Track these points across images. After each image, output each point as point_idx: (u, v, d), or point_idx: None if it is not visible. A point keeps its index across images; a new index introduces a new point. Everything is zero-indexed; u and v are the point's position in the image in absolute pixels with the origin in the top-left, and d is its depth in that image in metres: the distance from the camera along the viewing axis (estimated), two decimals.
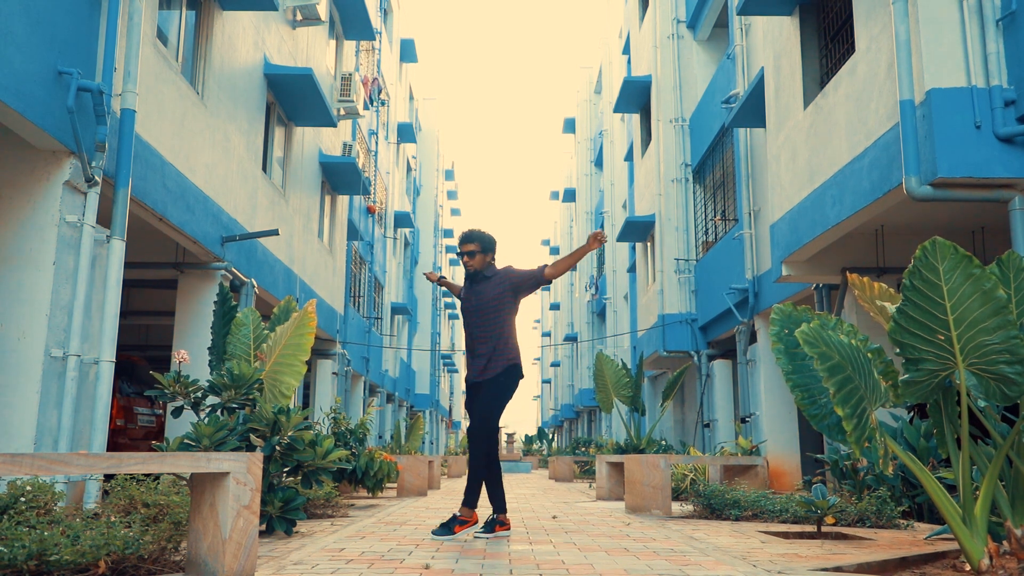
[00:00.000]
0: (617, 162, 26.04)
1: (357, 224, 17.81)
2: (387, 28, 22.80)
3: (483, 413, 5.17)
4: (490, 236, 5.45)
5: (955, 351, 3.48)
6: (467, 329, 5.45)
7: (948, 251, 3.36)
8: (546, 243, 53.78)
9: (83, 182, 5.87)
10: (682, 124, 16.03)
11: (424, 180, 34.12)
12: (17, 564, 3.16)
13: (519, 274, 5.37)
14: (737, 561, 4.00)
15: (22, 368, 5.47)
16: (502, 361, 5.23)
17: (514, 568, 3.75)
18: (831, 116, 7.83)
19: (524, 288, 5.35)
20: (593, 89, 34.50)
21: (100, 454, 3.05)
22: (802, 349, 4.10)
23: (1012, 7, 5.97)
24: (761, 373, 11.70)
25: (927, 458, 6.52)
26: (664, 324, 15.38)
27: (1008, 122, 5.99)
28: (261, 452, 5.11)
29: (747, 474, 9.22)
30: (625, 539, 5.09)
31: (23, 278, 5.60)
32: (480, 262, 5.39)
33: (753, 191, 12.14)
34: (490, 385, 5.22)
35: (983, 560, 3.43)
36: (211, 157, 8.68)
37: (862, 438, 3.67)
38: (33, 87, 5.25)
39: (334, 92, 13.94)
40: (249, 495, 3.41)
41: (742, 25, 12.42)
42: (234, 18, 9.49)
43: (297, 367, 6.13)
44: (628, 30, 21.22)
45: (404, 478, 10.13)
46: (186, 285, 8.90)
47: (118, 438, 9.16)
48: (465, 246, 5.39)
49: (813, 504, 5.48)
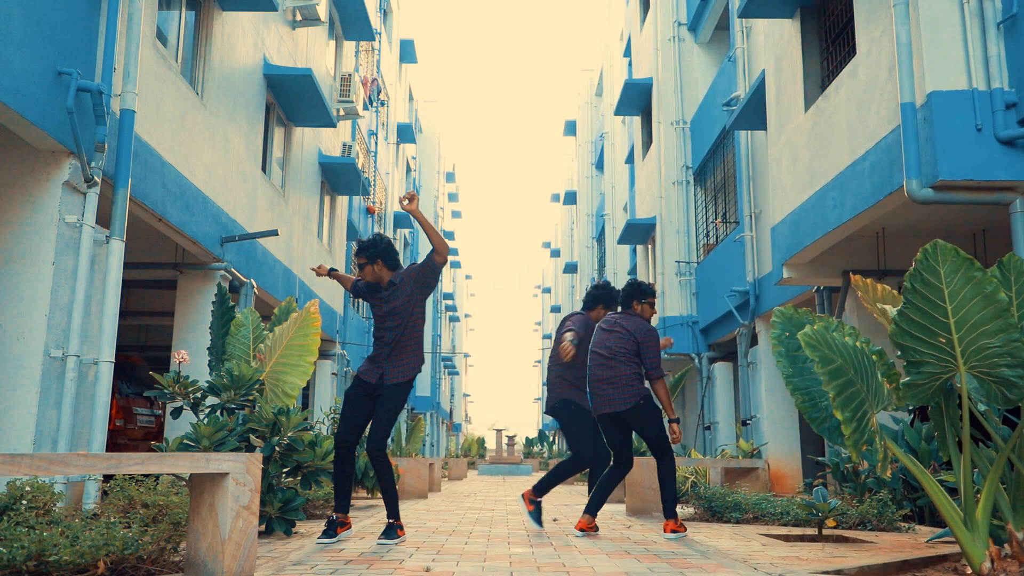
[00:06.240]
0: (618, 164, 26.03)
1: (357, 224, 17.80)
2: (387, 29, 22.81)
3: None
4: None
5: (956, 354, 3.47)
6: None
7: (949, 254, 3.35)
8: (547, 245, 53.77)
9: (82, 182, 5.86)
10: (683, 127, 16.03)
11: (424, 181, 34.12)
12: (16, 564, 3.15)
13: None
14: (738, 564, 3.99)
15: (21, 368, 5.46)
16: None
17: (515, 571, 3.74)
18: (832, 119, 7.82)
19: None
20: (594, 91, 34.50)
21: (99, 454, 3.05)
22: (803, 352, 4.09)
23: (1013, 10, 5.96)
24: (762, 376, 11.69)
25: (928, 461, 6.51)
26: (665, 326, 15.36)
27: (1009, 125, 5.98)
28: (260, 453, 5.10)
29: (748, 477, 9.21)
30: (626, 542, 5.08)
31: (23, 278, 5.59)
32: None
33: (754, 193, 12.13)
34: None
35: (984, 563, 3.41)
36: (210, 157, 8.67)
37: (861, 441, 3.66)
38: (33, 87, 5.25)
39: (334, 92, 13.94)
40: (248, 496, 3.40)
41: (743, 28, 12.42)
42: (234, 18, 9.48)
43: (303, 367, 6.13)
44: (629, 32, 21.22)
45: (405, 480, 10.12)
46: (185, 285, 8.89)
47: (117, 438, 9.14)
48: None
49: (814, 507, 5.47)
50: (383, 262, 4.99)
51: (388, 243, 5.04)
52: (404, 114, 27.15)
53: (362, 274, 5.06)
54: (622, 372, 5.51)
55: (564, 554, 4.37)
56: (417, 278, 5.00)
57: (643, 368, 5.57)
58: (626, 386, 5.49)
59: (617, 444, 5.62)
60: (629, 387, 5.49)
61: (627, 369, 5.52)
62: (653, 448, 5.46)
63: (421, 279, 5.00)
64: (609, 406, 5.51)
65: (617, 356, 5.54)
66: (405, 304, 4.97)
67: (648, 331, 5.61)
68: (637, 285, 5.79)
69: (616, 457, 5.65)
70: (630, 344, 5.55)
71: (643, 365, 5.56)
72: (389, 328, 4.98)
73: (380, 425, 4.85)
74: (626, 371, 5.51)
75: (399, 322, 4.96)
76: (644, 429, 5.47)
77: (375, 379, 4.94)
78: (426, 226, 4.82)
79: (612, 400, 5.50)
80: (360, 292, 5.17)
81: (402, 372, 4.94)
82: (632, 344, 5.55)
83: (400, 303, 4.96)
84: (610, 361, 5.55)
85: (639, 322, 5.65)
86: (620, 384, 5.50)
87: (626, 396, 5.47)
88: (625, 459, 5.62)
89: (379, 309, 5.03)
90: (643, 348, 5.54)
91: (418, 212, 4.83)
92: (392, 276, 5.02)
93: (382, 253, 4.98)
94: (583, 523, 5.49)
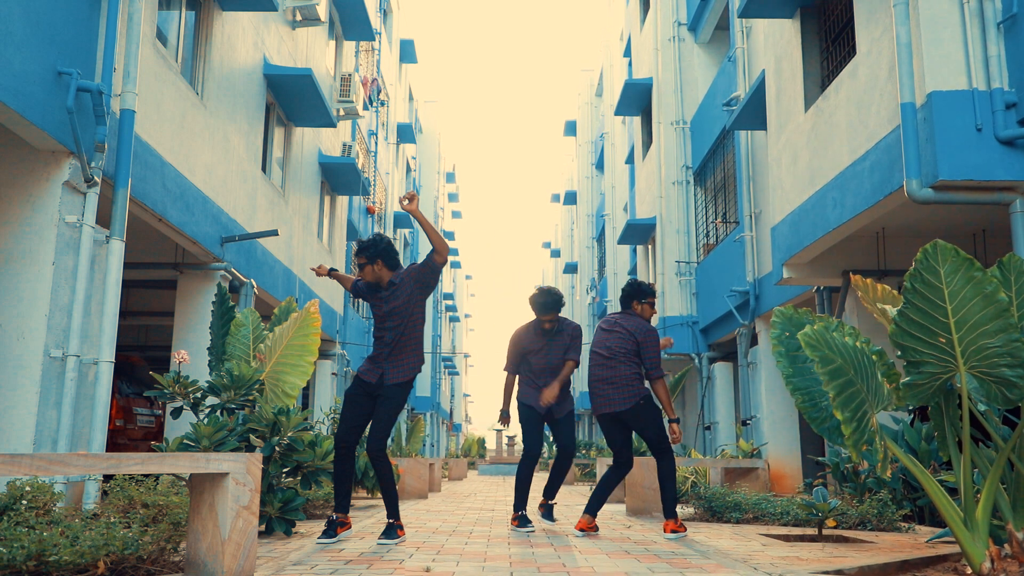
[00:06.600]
0: (618, 165, 26.03)
1: (357, 224, 17.80)
2: (387, 29, 22.81)
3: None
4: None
5: (956, 354, 3.47)
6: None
7: (949, 254, 3.35)
8: (547, 245, 53.75)
9: (82, 182, 5.86)
10: (683, 127, 16.03)
11: (424, 181, 34.11)
12: (16, 564, 3.15)
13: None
14: (738, 564, 3.99)
15: (21, 368, 5.46)
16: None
17: (515, 571, 3.74)
18: (832, 119, 7.82)
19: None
20: (594, 92, 34.50)
21: (99, 454, 3.05)
22: (803, 352, 4.09)
23: (1013, 10, 5.96)
24: (762, 376, 11.69)
25: (928, 461, 6.51)
26: (665, 326, 15.36)
27: (1009, 125, 5.98)
28: (260, 453, 5.10)
29: (748, 477, 9.21)
30: (626, 542, 5.08)
31: (23, 278, 5.59)
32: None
33: (754, 193, 12.13)
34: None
35: (984, 563, 3.41)
36: (210, 157, 8.67)
37: (861, 441, 3.66)
38: (33, 87, 5.25)
39: (334, 92, 13.94)
40: (248, 496, 3.40)
41: (743, 28, 12.42)
42: (234, 18, 9.48)
43: (303, 367, 6.13)
44: (629, 33, 21.22)
45: (405, 480, 10.12)
46: (185, 285, 8.89)
47: (117, 438, 9.14)
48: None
49: (814, 507, 5.47)
50: (383, 262, 4.99)
51: (388, 243, 5.04)
52: (404, 114, 27.15)
53: (362, 274, 5.06)
54: (622, 372, 5.51)
55: (564, 554, 4.37)
56: (417, 278, 5.00)
57: (643, 368, 5.57)
58: (626, 386, 5.49)
59: (617, 444, 5.62)
60: (629, 387, 5.49)
61: (627, 369, 5.52)
62: (653, 448, 5.46)
63: (421, 279, 5.00)
64: (609, 406, 5.52)
65: (617, 356, 5.54)
66: (405, 304, 4.97)
67: (648, 331, 5.61)
68: (637, 285, 5.79)
69: (616, 457, 5.65)
70: (630, 344, 5.55)
71: (643, 365, 5.56)
72: (389, 328, 4.98)
73: (380, 425, 4.85)
74: (626, 371, 5.51)
75: (399, 322, 4.96)
76: (644, 429, 5.48)
77: (375, 379, 4.95)
78: (426, 226, 4.82)
79: (612, 400, 5.51)
80: (360, 292, 5.17)
81: (402, 372, 4.94)
82: (632, 344, 5.55)
83: (400, 303, 4.96)
84: (610, 361, 5.55)
85: (639, 322, 5.65)
86: (620, 384, 5.50)
87: (626, 396, 5.48)
88: (625, 459, 5.62)
89: (379, 309, 5.03)
90: (643, 348, 5.54)
91: (418, 212, 4.83)
92: (392, 276, 5.02)
93: (382, 253, 4.98)
94: (583, 523, 5.49)
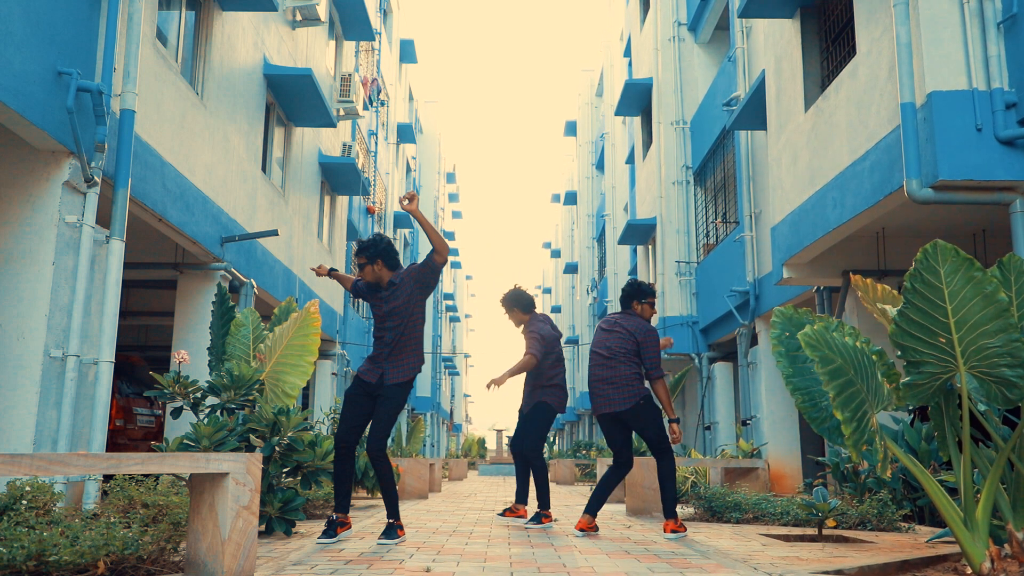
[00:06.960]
0: (618, 165, 26.03)
1: (357, 224, 17.80)
2: (387, 29, 22.81)
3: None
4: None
5: (956, 354, 3.47)
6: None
7: (949, 254, 3.35)
8: (547, 246, 53.75)
9: (82, 182, 5.86)
10: (683, 127, 16.03)
11: (424, 181, 34.11)
12: (16, 564, 3.15)
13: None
14: (738, 564, 3.99)
15: (21, 368, 5.46)
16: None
17: (515, 571, 3.74)
18: (832, 119, 7.82)
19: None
20: (594, 92, 34.49)
21: (99, 454, 3.05)
22: (803, 352, 4.09)
23: (1013, 10, 5.96)
24: (762, 376, 11.68)
25: (928, 461, 6.51)
26: (665, 326, 15.36)
27: (1009, 125, 5.98)
28: (260, 453, 5.10)
29: (748, 477, 9.21)
30: (626, 542, 5.08)
31: (23, 278, 5.59)
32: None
33: (754, 194, 12.13)
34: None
35: (984, 563, 3.41)
36: (210, 157, 8.67)
37: (861, 441, 3.66)
38: (33, 87, 5.25)
39: (334, 92, 13.94)
40: (248, 496, 3.40)
41: (743, 28, 12.42)
42: (234, 18, 9.48)
43: (303, 367, 6.13)
44: (629, 33, 21.22)
45: (405, 481, 10.12)
46: (185, 285, 8.89)
47: (117, 438, 9.14)
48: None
49: (814, 507, 5.47)
50: (383, 262, 4.99)
51: (388, 243, 5.04)
52: (404, 114, 27.14)
53: (362, 274, 5.06)
54: (622, 372, 5.51)
55: (564, 554, 4.37)
56: (417, 278, 5.00)
57: (643, 368, 5.57)
58: (626, 386, 5.49)
59: (617, 444, 5.62)
60: (629, 387, 5.49)
61: (627, 369, 5.52)
62: (653, 448, 5.46)
63: (421, 279, 5.00)
64: (609, 406, 5.52)
65: (617, 356, 5.54)
66: (405, 304, 4.97)
67: (648, 331, 5.61)
68: (637, 285, 5.79)
69: (616, 457, 5.65)
70: (630, 344, 5.55)
71: (643, 365, 5.56)
72: (389, 328, 4.98)
73: (380, 425, 4.85)
74: (626, 371, 5.51)
75: (399, 322, 4.96)
76: (644, 429, 5.48)
77: (375, 379, 4.95)
78: (426, 226, 4.82)
79: (612, 400, 5.51)
80: (360, 292, 5.17)
81: (402, 372, 4.95)
82: (632, 344, 5.55)
83: (400, 303, 4.96)
84: (610, 361, 5.55)
85: (639, 322, 5.65)
86: (620, 384, 5.50)
87: (626, 396, 5.48)
88: (625, 459, 5.62)
89: (379, 309, 5.03)
90: (643, 348, 5.54)
91: (418, 212, 4.83)
92: (392, 276, 5.02)
93: (382, 253, 4.98)
94: (583, 523, 5.49)
